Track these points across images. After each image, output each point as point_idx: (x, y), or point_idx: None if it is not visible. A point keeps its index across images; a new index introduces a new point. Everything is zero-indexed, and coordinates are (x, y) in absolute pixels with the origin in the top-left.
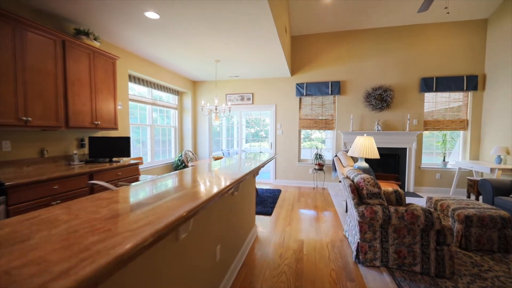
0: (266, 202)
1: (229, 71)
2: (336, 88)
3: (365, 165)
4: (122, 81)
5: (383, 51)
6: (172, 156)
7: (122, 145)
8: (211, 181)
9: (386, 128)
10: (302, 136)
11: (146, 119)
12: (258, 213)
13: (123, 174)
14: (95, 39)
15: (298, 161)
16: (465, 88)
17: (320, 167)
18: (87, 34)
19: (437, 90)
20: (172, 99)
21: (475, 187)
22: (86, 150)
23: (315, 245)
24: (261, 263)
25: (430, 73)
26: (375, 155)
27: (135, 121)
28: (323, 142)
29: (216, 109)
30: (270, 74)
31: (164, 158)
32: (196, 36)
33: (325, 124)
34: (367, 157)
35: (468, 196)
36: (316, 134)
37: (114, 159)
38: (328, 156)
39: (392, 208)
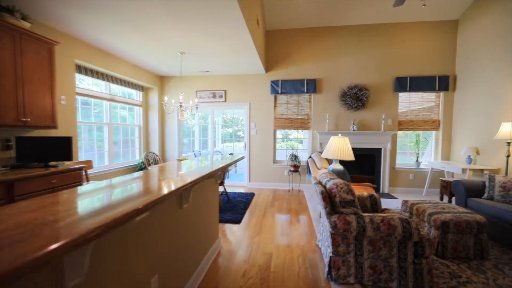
0: (237, 207)
1: (199, 66)
2: (311, 86)
3: (340, 167)
4: (67, 71)
5: (359, 49)
6: (137, 158)
7: (61, 147)
8: (140, 193)
9: (361, 128)
10: (280, 136)
11: (104, 117)
12: (226, 221)
13: (60, 181)
14: (23, 18)
15: (273, 162)
16: (437, 88)
17: (296, 168)
18: (11, 11)
19: (410, 90)
20: (135, 95)
21: (448, 188)
22: (13, 152)
23: (284, 258)
24: (221, 286)
25: (404, 73)
26: (350, 156)
27: (90, 119)
28: (301, 142)
29: (181, 106)
30: (243, 70)
31: (126, 160)
32: (150, 20)
33: (301, 124)
34: (341, 159)
35: (441, 197)
36: (295, 134)
37: (52, 163)
38: (304, 157)
39: (367, 218)
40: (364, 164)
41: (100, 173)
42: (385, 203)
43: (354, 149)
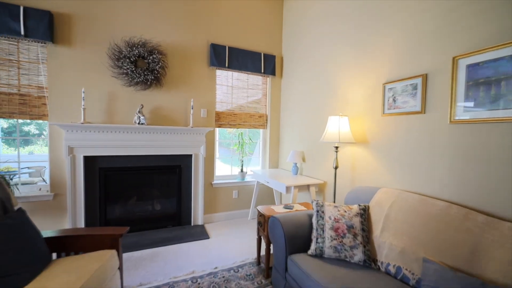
0: None
1: None
2: (42, 23)
3: None
4: None
5: None
6: None
7: None
8: None
9: (157, 122)
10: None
11: None
12: None
13: None
14: None
15: None
16: (263, 71)
17: None
18: None
19: (230, 67)
20: None
21: (265, 227)
22: None
23: None
24: None
25: (223, 40)
26: None
27: None
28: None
29: None
30: None
31: None
32: None
33: (22, 107)
34: None
35: (259, 240)
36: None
37: None
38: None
39: None
40: (166, 183)
41: None
42: (180, 259)
43: (145, 159)
